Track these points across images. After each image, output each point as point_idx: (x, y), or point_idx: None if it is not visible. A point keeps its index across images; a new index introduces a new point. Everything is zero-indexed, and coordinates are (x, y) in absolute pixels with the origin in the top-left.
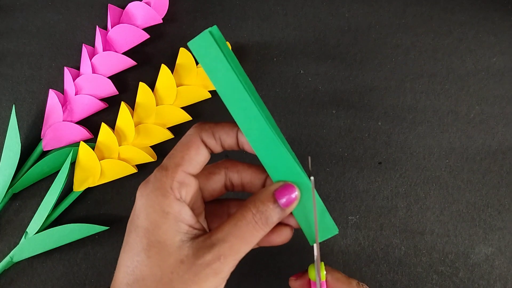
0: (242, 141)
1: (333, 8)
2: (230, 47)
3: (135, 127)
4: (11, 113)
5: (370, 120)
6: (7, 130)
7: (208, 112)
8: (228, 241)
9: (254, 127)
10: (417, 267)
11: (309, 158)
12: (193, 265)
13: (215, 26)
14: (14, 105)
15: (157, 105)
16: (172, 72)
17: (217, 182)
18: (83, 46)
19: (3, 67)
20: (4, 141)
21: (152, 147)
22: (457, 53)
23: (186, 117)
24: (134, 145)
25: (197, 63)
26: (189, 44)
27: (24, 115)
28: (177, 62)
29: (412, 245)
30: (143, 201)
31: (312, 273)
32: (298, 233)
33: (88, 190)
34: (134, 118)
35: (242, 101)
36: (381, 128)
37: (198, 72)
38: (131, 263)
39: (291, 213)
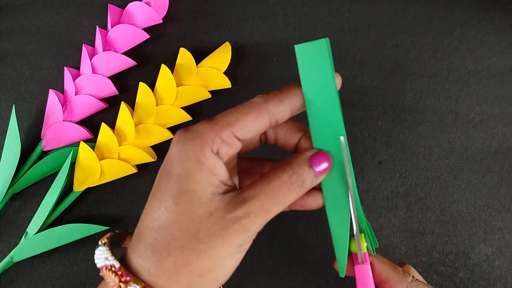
0: None
1: (333, 8)
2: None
3: (135, 127)
4: (11, 113)
5: (370, 120)
6: (7, 130)
7: (208, 112)
8: (260, 199)
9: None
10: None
11: (342, 138)
12: (222, 219)
13: (327, 39)
14: (14, 105)
15: (157, 105)
16: (172, 72)
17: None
18: (83, 46)
19: (3, 67)
20: (4, 141)
21: (152, 147)
22: (457, 53)
23: (186, 117)
24: (134, 145)
25: (197, 63)
26: (297, 46)
27: (24, 115)
28: (177, 62)
29: (412, 245)
30: (179, 148)
31: (353, 245)
32: (296, 234)
33: (88, 190)
34: (134, 118)
35: (331, 117)
36: (381, 128)
37: (198, 72)
38: (158, 209)
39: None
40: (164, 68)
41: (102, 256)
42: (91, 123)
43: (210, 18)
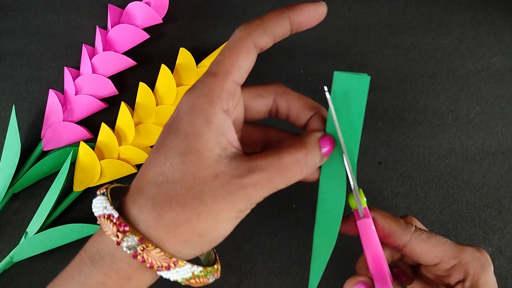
0: (299, 20)
1: (333, 8)
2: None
3: (135, 127)
4: (11, 113)
5: (370, 120)
6: (7, 130)
7: None
8: (269, 173)
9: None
10: None
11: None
12: (228, 184)
13: (369, 77)
14: (14, 105)
15: (157, 105)
16: (172, 72)
17: (262, 106)
18: (83, 46)
19: (3, 67)
20: (4, 141)
21: (152, 147)
22: (457, 53)
23: None
24: (134, 145)
25: (197, 63)
26: (337, 73)
27: (24, 115)
28: (177, 62)
29: None
30: (188, 107)
31: (352, 201)
32: (296, 234)
33: (88, 190)
34: (134, 118)
35: (351, 150)
36: (381, 128)
37: (198, 72)
38: (164, 164)
39: None
40: (164, 68)
41: (101, 205)
42: (91, 123)
43: (210, 18)
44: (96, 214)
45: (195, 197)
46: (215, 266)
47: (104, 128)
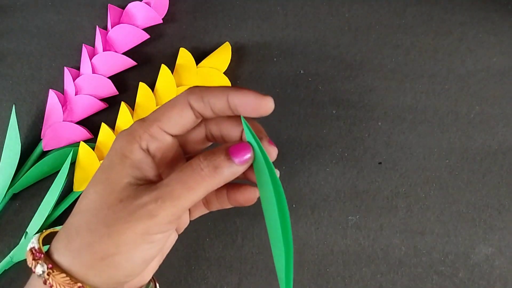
0: (235, 103)
1: (333, 8)
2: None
3: None
4: (11, 113)
5: (370, 120)
6: (7, 130)
7: None
8: (170, 186)
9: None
10: (417, 267)
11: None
12: (130, 205)
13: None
14: (14, 105)
15: (157, 105)
16: (172, 72)
17: (197, 134)
18: (83, 46)
19: (3, 67)
20: (4, 141)
21: None
22: (457, 53)
23: None
24: None
25: (197, 63)
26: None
27: (24, 115)
28: (177, 62)
29: (412, 245)
30: (112, 145)
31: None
32: (296, 234)
33: None
34: (134, 118)
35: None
36: (381, 128)
37: (198, 72)
38: (82, 197)
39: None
40: (164, 68)
41: (31, 241)
42: (91, 123)
43: (210, 18)
44: (26, 249)
45: (99, 222)
46: None
47: (104, 128)
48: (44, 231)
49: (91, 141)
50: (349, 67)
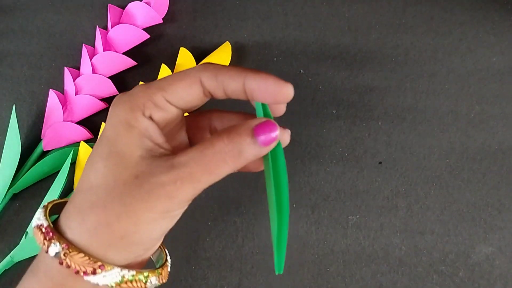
0: (252, 87)
1: (333, 8)
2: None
3: None
4: (11, 113)
5: (370, 120)
6: (7, 130)
7: None
8: (189, 167)
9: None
10: (417, 267)
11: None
12: (147, 183)
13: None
14: (14, 105)
15: None
16: (172, 72)
17: (201, 131)
18: (83, 46)
19: (3, 67)
20: (4, 141)
21: None
22: (457, 53)
23: None
24: None
25: (197, 63)
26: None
27: (24, 115)
28: (177, 62)
29: (413, 244)
30: (112, 111)
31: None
32: (296, 234)
33: None
34: None
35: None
36: (381, 128)
37: None
38: (89, 171)
39: None
40: (164, 68)
41: (36, 217)
42: (91, 123)
43: (210, 18)
44: (32, 225)
45: (114, 200)
46: (158, 270)
47: None
48: (47, 203)
49: (91, 141)
50: (349, 67)
